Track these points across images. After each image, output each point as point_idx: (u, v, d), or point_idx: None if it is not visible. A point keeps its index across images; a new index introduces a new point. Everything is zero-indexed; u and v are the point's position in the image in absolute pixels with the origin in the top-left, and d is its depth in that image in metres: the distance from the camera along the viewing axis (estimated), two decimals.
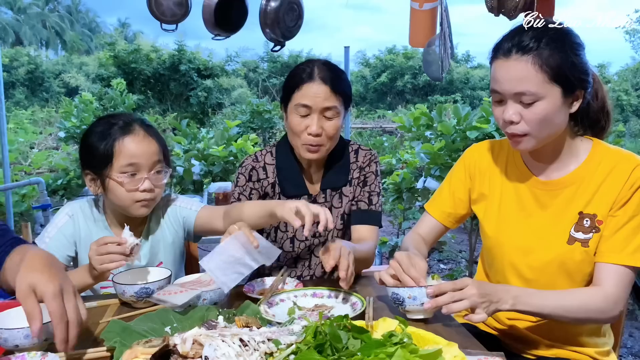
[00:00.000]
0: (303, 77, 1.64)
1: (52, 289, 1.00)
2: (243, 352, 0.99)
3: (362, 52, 24.40)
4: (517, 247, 1.41)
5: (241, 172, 1.80)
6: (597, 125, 1.42)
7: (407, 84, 21.20)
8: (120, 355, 0.99)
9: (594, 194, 1.32)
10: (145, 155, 1.55)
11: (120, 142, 1.54)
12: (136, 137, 1.56)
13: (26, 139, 10.69)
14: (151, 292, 1.34)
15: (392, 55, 22.18)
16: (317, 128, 1.62)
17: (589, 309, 1.27)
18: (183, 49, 16.44)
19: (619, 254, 1.28)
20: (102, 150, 1.54)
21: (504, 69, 1.26)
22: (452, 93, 20.15)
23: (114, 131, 1.56)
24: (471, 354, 1.07)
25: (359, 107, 20.16)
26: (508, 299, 1.24)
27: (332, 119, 1.64)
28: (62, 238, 1.62)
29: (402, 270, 1.29)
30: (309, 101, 1.61)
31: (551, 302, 1.26)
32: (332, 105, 1.63)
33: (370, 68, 22.95)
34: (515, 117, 1.27)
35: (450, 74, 20.69)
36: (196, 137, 5.28)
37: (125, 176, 1.54)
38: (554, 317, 1.29)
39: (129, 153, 1.54)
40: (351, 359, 0.92)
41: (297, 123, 1.64)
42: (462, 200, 1.56)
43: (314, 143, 1.63)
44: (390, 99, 21.63)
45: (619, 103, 16.91)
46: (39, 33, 35.64)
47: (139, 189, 1.55)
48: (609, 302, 1.27)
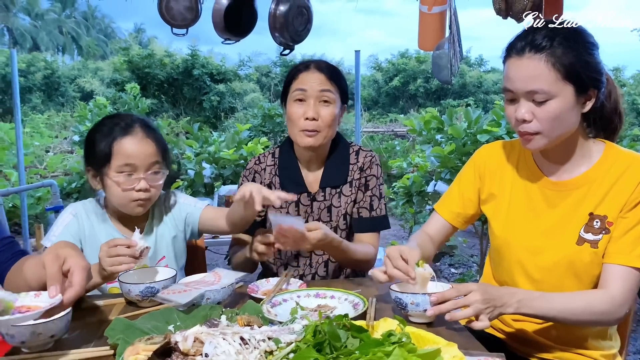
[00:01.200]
0: (300, 68, 1.74)
1: (82, 263, 1.18)
2: (243, 350, 1.00)
3: (374, 56, 24.40)
4: (526, 247, 1.41)
5: (245, 176, 1.87)
6: (610, 127, 1.41)
7: (420, 88, 21.13)
8: (123, 352, 1.00)
9: (605, 195, 1.31)
10: (142, 156, 1.59)
11: (119, 142, 1.58)
12: (135, 138, 1.59)
13: (42, 143, 10.85)
14: (156, 291, 1.36)
15: (405, 59, 22.13)
16: (314, 112, 1.68)
17: (594, 312, 1.26)
18: (196, 54, 16.57)
19: (627, 256, 1.27)
20: (102, 148, 1.58)
21: (517, 67, 1.27)
22: (465, 97, 20.03)
23: (115, 131, 1.60)
24: (471, 355, 1.07)
25: (371, 111, 20.14)
26: (512, 303, 1.23)
27: (328, 106, 1.71)
28: (68, 236, 1.66)
29: (392, 265, 1.28)
30: (305, 85, 1.70)
31: (556, 305, 1.26)
32: (327, 89, 1.70)
33: (383, 72, 22.92)
34: (527, 116, 1.27)
35: (463, 77, 20.60)
36: (207, 141, 5.33)
37: (122, 176, 1.57)
38: (559, 320, 1.28)
39: (126, 153, 1.57)
40: (349, 357, 0.93)
41: (295, 110, 1.71)
42: (471, 200, 1.56)
43: (310, 128, 1.69)
44: (403, 103, 21.57)
45: (635, 107, 16.68)
46: (55, 39, 36.20)
47: (135, 188, 1.58)
48: (614, 305, 1.26)
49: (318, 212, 1.81)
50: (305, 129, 1.69)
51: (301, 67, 1.75)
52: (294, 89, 1.72)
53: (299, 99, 1.70)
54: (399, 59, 22.38)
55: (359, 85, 5.49)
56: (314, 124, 1.69)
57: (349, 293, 1.39)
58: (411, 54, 21.82)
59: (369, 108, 21.00)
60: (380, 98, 22.36)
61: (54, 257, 1.16)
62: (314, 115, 1.68)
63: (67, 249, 1.21)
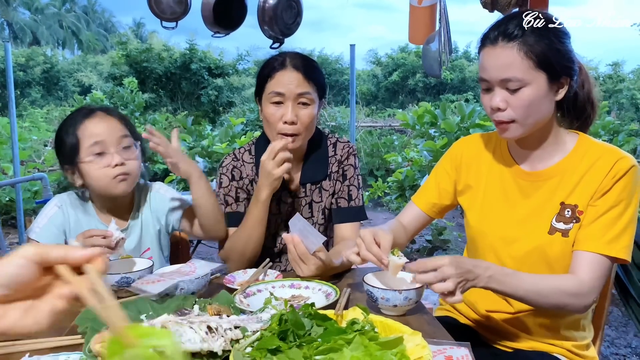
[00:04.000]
0: (275, 66, 1.65)
1: None
2: (209, 338, 1.01)
3: (373, 51, 24.32)
4: (500, 236, 1.42)
5: (223, 173, 1.80)
6: (583, 116, 1.42)
7: (419, 83, 21.09)
8: (90, 340, 1.02)
9: (576, 185, 1.33)
10: (107, 131, 1.60)
11: (82, 126, 1.60)
12: (96, 119, 1.62)
13: (39, 137, 10.85)
14: (132, 282, 1.37)
15: (404, 54, 22.07)
16: (292, 116, 1.62)
17: (562, 292, 1.25)
18: (194, 48, 16.52)
19: (595, 242, 1.27)
20: (69, 139, 1.60)
21: (491, 56, 1.29)
22: (465, 92, 20.00)
23: (76, 120, 1.62)
24: (437, 344, 1.08)
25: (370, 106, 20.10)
26: (483, 277, 1.22)
27: (306, 107, 1.65)
28: (52, 228, 1.67)
29: (365, 247, 1.29)
30: (283, 88, 1.62)
31: (525, 284, 1.24)
32: (305, 92, 1.63)
33: (382, 67, 22.87)
34: (502, 104, 1.29)
35: (462, 72, 20.55)
36: (201, 135, 5.33)
37: (94, 157, 1.58)
38: (527, 300, 1.27)
39: (92, 133, 1.59)
40: (310, 345, 0.94)
41: (272, 113, 1.64)
42: (447, 191, 1.57)
43: (289, 132, 1.63)
44: (402, 98, 21.54)
45: (634, 102, 16.65)
46: (55, 33, 36.14)
47: (111, 164, 1.59)
48: (583, 288, 1.25)
49: (300, 209, 1.79)
50: (284, 133, 1.64)
51: (277, 65, 1.65)
52: (269, 90, 1.64)
53: (276, 101, 1.64)
54: (399, 54, 22.34)
55: (354, 79, 5.49)
56: (292, 128, 1.63)
57: (322, 283, 1.41)
58: (411, 48, 21.73)
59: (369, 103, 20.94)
60: (380, 93, 22.32)
61: None
62: (292, 118, 1.62)
63: None
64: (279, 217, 1.80)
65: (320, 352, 0.91)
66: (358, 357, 0.88)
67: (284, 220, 1.80)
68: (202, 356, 0.99)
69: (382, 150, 9.73)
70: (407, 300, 1.24)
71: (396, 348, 0.92)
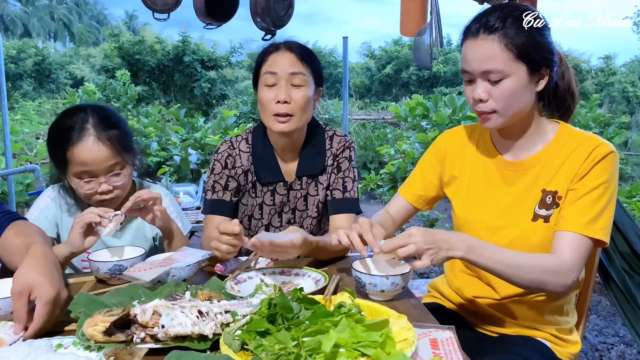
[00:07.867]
0: (270, 50, 1.68)
1: (48, 295, 1.09)
2: (200, 322, 1.03)
3: (367, 44, 24.37)
4: (485, 225, 1.45)
5: (217, 159, 1.78)
6: (564, 106, 1.46)
7: (412, 76, 21.12)
8: (83, 324, 1.04)
9: (557, 171, 1.36)
10: (97, 161, 1.56)
11: (72, 150, 1.55)
12: (86, 145, 1.55)
13: (31, 130, 10.80)
14: (124, 269, 1.39)
15: (398, 46, 22.08)
16: (285, 95, 1.61)
17: (543, 269, 1.26)
18: (187, 41, 16.46)
19: (574, 222, 1.30)
20: (60, 154, 1.58)
21: (472, 48, 1.31)
22: (458, 85, 20.03)
23: (68, 137, 1.56)
24: (422, 327, 1.11)
25: (364, 99, 20.11)
26: (462, 247, 1.23)
27: (300, 88, 1.64)
28: (44, 220, 1.68)
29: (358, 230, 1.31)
30: (275, 68, 1.63)
31: (506, 258, 1.26)
32: (298, 71, 1.63)
33: (376, 60, 22.87)
34: (483, 95, 1.32)
35: (455, 65, 20.57)
36: (194, 127, 5.33)
37: (82, 182, 1.58)
38: (507, 276, 1.27)
39: (81, 161, 1.56)
40: (298, 327, 0.97)
41: (265, 95, 1.64)
42: (432, 183, 1.60)
43: (282, 111, 1.62)
44: (396, 91, 21.56)
45: (625, 95, 16.75)
46: (47, 25, 35.79)
47: (97, 191, 1.59)
48: (562, 266, 1.27)
49: (294, 201, 1.79)
50: (278, 113, 1.62)
51: (271, 49, 1.67)
52: (263, 72, 1.65)
53: (270, 83, 1.64)
54: (392, 47, 22.33)
55: (347, 71, 5.51)
56: (286, 107, 1.61)
57: (312, 270, 1.43)
58: (404, 41, 21.75)
59: (362, 96, 20.97)
60: (373, 86, 22.34)
61: (19, 293, 1.08)
62: (286, 97, 1.60)
63: (35, 274, 1.11)
64: (273, 209, 1.81)
65: (308, 334, 0.94)
66: (344, 338, 0.91)
67: (278, 212, 1.81)
68: (192, 339, 1.02)
69: (375, 143, 9.75)
70: (394, 286, 1.27)
71: (382, 330, 0.94)
